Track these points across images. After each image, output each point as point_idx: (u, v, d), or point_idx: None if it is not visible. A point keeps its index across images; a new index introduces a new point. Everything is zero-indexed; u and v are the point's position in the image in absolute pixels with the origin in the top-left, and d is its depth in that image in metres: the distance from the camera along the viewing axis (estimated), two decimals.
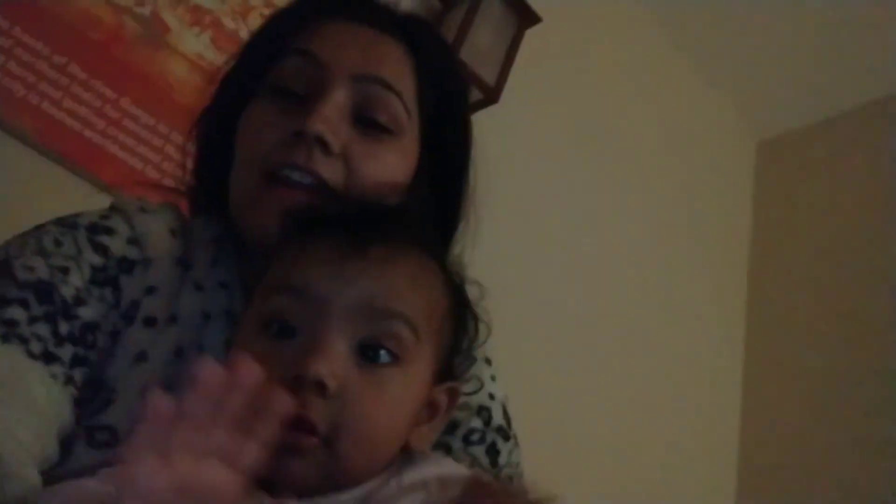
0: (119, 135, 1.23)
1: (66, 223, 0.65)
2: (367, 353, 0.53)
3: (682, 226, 2.07)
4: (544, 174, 1.77)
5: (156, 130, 1.26)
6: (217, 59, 1.34)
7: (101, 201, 1.14)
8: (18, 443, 0.51)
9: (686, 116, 2.18)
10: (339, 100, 0.65)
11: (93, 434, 0.57)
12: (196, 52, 1.33)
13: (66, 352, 0.57)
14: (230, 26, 1.38)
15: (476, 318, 0.63)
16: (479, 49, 1.58)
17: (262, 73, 0.69)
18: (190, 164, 0.77)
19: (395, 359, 0.53)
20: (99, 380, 0.60)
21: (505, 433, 0.72)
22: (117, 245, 0.64)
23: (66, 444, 0.56)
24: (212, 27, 1.36)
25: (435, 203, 0.73)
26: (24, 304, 0.57)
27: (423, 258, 0.58)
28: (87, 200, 1.15)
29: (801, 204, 2.20)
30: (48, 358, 0.56)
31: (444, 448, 0.68)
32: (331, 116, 0.64)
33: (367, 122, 0.67)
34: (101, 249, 0.63)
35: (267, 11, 1.40)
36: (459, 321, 0.61)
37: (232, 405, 0.42)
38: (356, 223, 0.57)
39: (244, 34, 1.38)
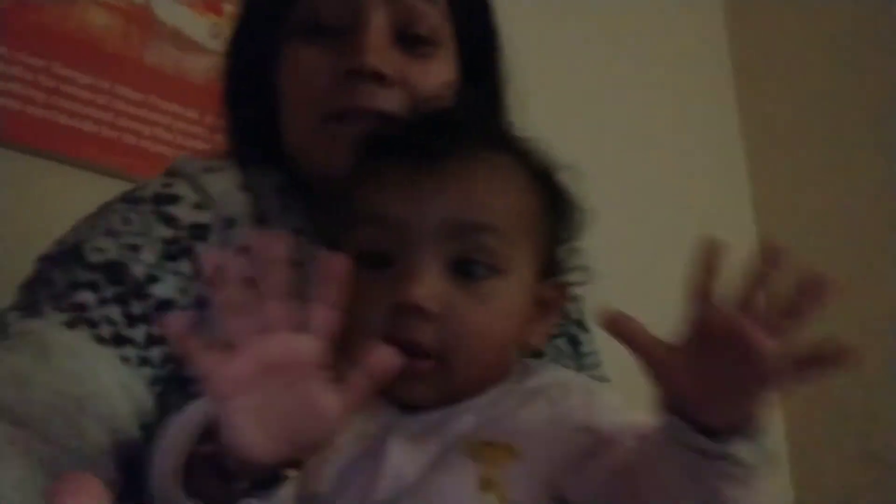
0: (61, 102, 1.16)
1: (131, 198, 0.64)
2: (462, 269, 0.53)
3: (664, 85, 2.01)
4: (531, 54, 1.71)
5: (97, 88, 1.20)
6: None
7: (70, 175, 1.13)
8: None
9: None
10: (381, 25, 0.64)
11: None
12: None
13: (139, 332, 0.57)
14: None
15: (572, 204, 0.61)
16: None
17: (283, 12, 0.67)
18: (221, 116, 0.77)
19: (492, 269, 0.53)
20: None
21: (583, 325, 0.75)
22: (185, 212, 0.63)
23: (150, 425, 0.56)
24: None
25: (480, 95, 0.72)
26: (93, 286, 0.56)
27: (501, 158, 0.57)
28: (54, 178, 1.13)
29: (778, 37, 2.13)
30: (119, 340, 0.55)
31: None
32: (379, 46, 0.64)
33: (411, 39, 0.66)
34: (170, 220, 0.62)
35: None
36: (555, 211, 0.59)
37: (280, 274, 0.42)
38: (425, 138, 0.56)
39: None
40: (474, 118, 0.60)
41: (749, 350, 0.39)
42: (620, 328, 0.42)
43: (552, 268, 0.60)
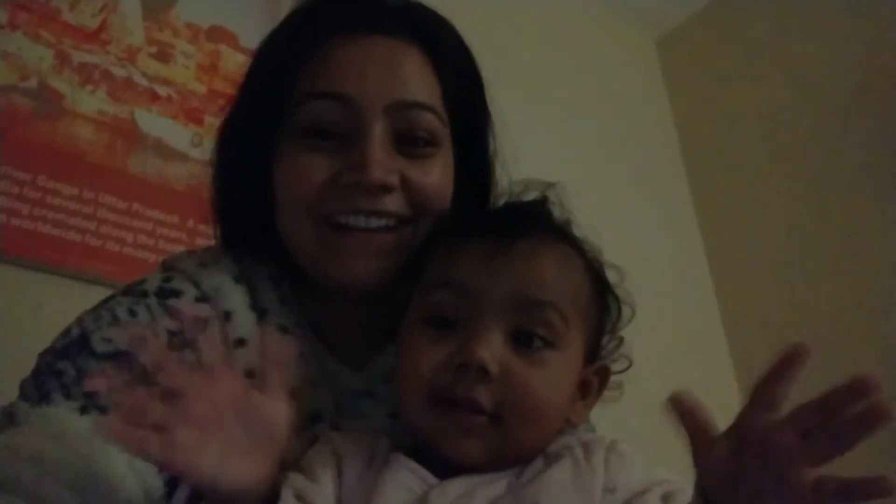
0: (47, 213, 1.19)
1: (135, 292, 0.66)
2: (522, 339, 0.58)
3: (611, 144, 2.10)
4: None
5: (81, 199, 1.23)
6: (118, 110, 1.31)
7: (55, 285, 1.15)
8: None
9: (585, 35, 2.21)
10: (381, 134, 0.65)
11: None
12: (96, 110, 1.29)
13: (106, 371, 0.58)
14: (121, 74, 1.34)
15: (618, 300, 0.67)
16: None
17: (280, 110, 0.68)
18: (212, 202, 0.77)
19: (548, 344, 0.58)
20: None
21: None
22: (187, 306, 0.65)
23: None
24: (103, 80, 1.32)
25: (469, 177, 0.74)
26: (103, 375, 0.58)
27: (564, 248, 0.63)
28: (41, 290, 1.14)
29: (714, 85, 2.26)
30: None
31: None
32: (382, 158, 0.64)
33: (409, 142, 0.67)
34: (175, 313, 0.64)
35: (152, 49, 1.37)
36: (603, 303, 0.65)
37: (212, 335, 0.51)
38: (501, 221, 0.63)
39: (138, 78, 1.35)
40: (542, 210, 0.67)
41: (786, 470, 0.40)
42: (683, 407, 0.45)
43: (596, 353, 0.65)
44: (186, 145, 1.36)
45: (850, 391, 0.39)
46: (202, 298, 0.66)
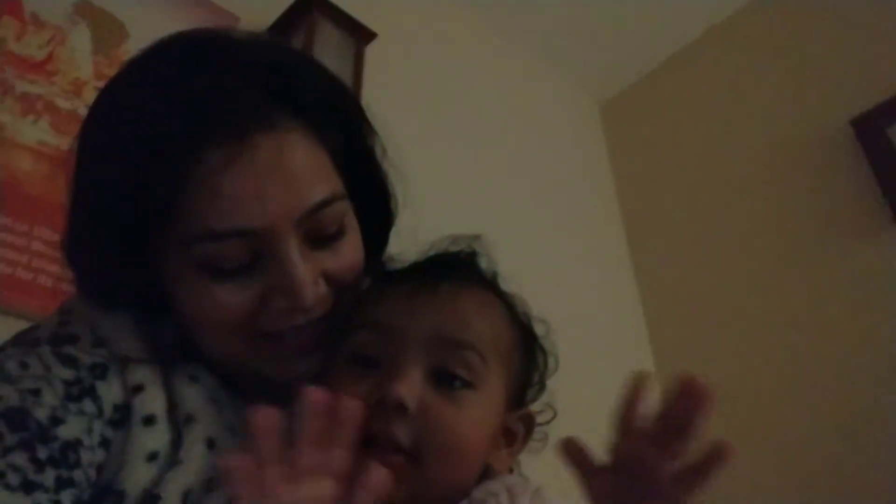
0: None
1: (26, 341, 0.61)
2: (442, 379, 0.58)
3: (552, 205, 2.16)
4: (411, 176, 1.80)
5: (14, 230, 1.19)
6: (61, 142, 1.28)
7: None
8: None
9: (530, 96, 2.28)
10: (299, 255, 0.60)
11: None
12: (38, 140, 1.26)
13: (49, 477, 0.54)
14: (66, 106, 1.32)
15: (544, 351, 0.68)
16: None
17: (152, 224, 0.59)
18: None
19: (468, 384, 0.58)
20: (110, 490, 0.57)
21: None
22: (84, 352, 0.61)
23: None
24: (46, 112, 1.29)
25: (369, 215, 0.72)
26: None
27: (488, 294, 0.65)
28: None
29: (655, 148, 2.35)
30: (28, 487, 0.53)
31: None
32: (307, 277, 0.60)
33: (321, 238, 0.63)
34: (70, 361, 0.60)
35: (100, 84, 1.35)
36: (528, 353, 0.66)
37: (318, 426, 0.49)
38: (425, 266, 0.65)
39: (83, 111, 1.32)
40: (468, 259, 0.69)
41: (652, 475, 0.46)
42: (573, 448, 0.49)
43: (521, 401, 0.65)
44: None
45: (679, 392, 0.46)
46: (98, 342, 0.62)
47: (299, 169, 0.60)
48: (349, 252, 0.65)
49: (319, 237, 0.63)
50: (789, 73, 2.06)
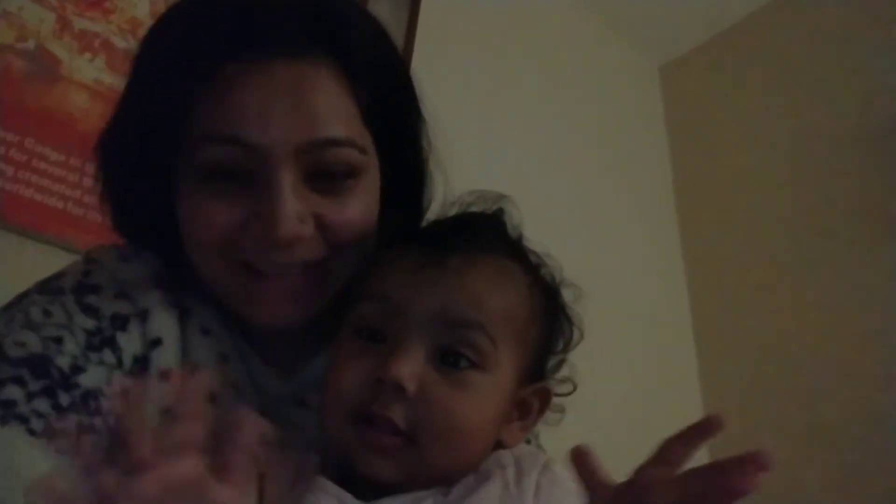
0: (31, 177, 1.18)
1: (51, 289, 0.62)
2: (447, 359, 0.55)
3: (606, 165, 2.12)
4: (466, 136, 1.78)
5: (68, 165, 1.21)
6: (115, 81, 1.29)
7: (33, 250, 1.13)
8: None
9: (590, 58, 2.22)
10: (291, 185, 0.58)
11: None
12: (93, 79, 1.28)
13: (71, 422, 0.56)
14: (122, 45, 1.33)
15: (570, 321, 0.64)
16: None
17: (173, 138, 0.60)
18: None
19: (475, 365, 0.56)
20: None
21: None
22: (106, 302, 0.62)
23: None
24: (103, 50, 1.31)
25: (399, 178, 0.69)
26: (19, 381, 0.56)
27: (504, 263, 0.60)
28: (17, 252, 1.12)
29: (711, 119, 2.28)
30: (51, 433, 0.54)
31: None
32: (293, 210, 0.58)
33: (325, 178, 0.60)
34: (92, 311, 0.61)
35: None
36: (550, 323, 0.62)
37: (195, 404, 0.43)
38: (439, 234, 0.60)
39: None
40: (490, 223, 0.63)
41: None
42: (581, 460, 0.45)
43: (538, 373, 0.62)
44: None
45: (741, 464, 0.40)
46: (120, 294, 0.63)
47: (315, 101, 0.59)
48: (354, 207, 0.62)
49: (324, 181, 0.60)
50: (858, 52, 1.96)
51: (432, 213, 0.70)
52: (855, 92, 1.94)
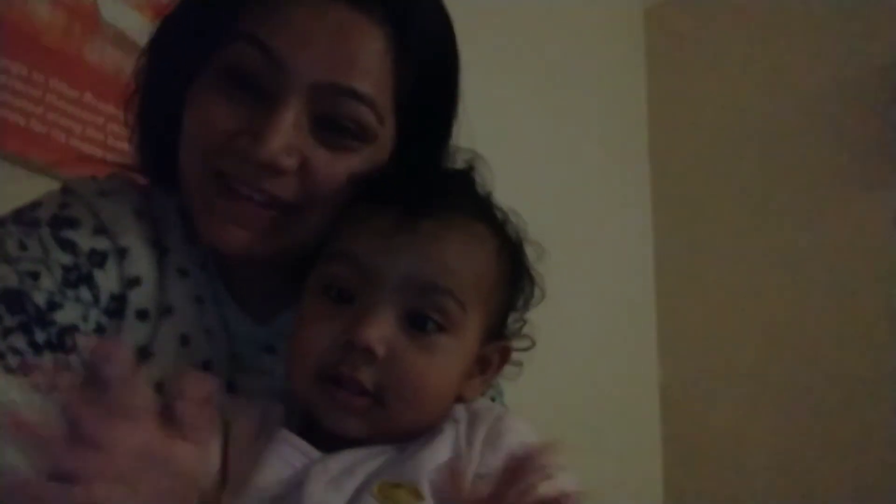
0: None
1: (27, 220, 0.61)
2: (415, 322, 0.57)
3: (580, 105, 2.09)
4: None
5: (31, 80, 1.16)
6: None
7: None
8: None
9: None
10: (294, 114, 0.58)
11: None
12: None
13: (47, 360, 0.56)
14: None
15: (532, 281, 0.66)
16: None
17: (209, 43, 0.62)
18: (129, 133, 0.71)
19: (442, 329, 0.57)
20: None
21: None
22: (84, 238, 0.61)
23: None
24: None
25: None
26: None
27: (476, 227, 0.61)
28: None
29: (693, 64, 2.26)
30: (27, 369, 0.54)
31: None
32: (284, 138, 0.58)
33: (332, 128, 0.60)
34: (69, 246, 0.60)
35: None
36: (514, 284, 0.64)
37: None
38: (412, 194, 0.59)
39: None
40: (459, 185, 0.64)
41: None
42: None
43: (499, 331, 0.64)
44: None
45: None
46: (99, 230, 0.62)
47: (357, 51, 0.60)
48: (346, 167, 0.61)
49: (329, 131, 0.60)
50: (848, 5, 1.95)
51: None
52: (838, 38, 1.93)
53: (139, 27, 1.28)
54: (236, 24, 0.60)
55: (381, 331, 0.55)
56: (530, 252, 0.66)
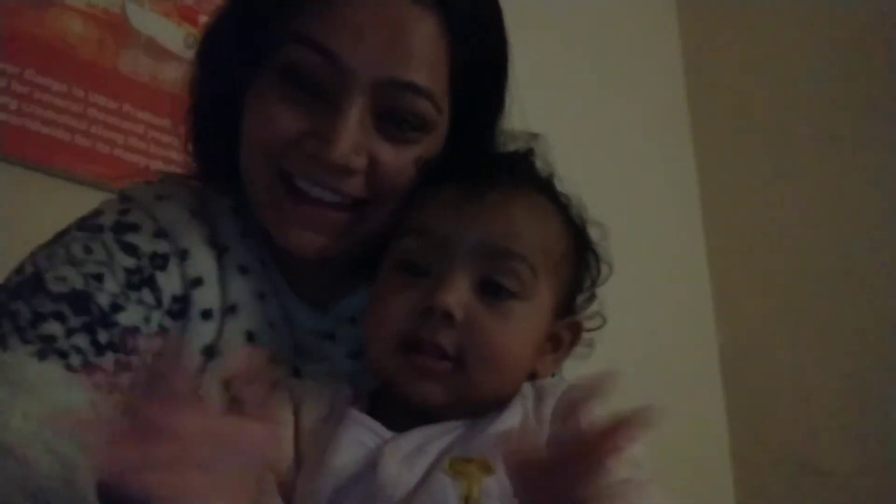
0: (34, 109, 1.15)
1: (91, 226, 0.63)
2: (488, 288, 0.58)
3: (619, 88, 2.04)
4: None
5: (71, 96, 1.19)
6: (110, 3, 1.25)
7: (41, 184, 1.12)
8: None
9: None
10: (359, 114, 0.59)
11: None
12: (85, 2, 1.23)
13: (108, 360, 0.57)
14: None
15: (597, 257, 0.67)
16: None
17: (269, 34, 0.62)
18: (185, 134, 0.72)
19: (515, 294, 0.58)
20: None
21: None
22: (145, 241, 0.63)
23: None
24: None
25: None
26: (60, 317, 0.56)
27: (541, 199, 0.63)
28: (25, 186, 1.11)
29: (731, 41, 2.18)
30: (89, 368, 0.56)
31: None
32: (352, 139, 0.59)
33: (394, 123, 0.61)
34: (131, 249, 0.62)
35: None
36: (580, 260, 0.65)
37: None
38: (477, 170, 0.62)
39: None
40: (523, 161, 0.66)
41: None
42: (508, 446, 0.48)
43: (569, 309, 0.65)
44: (180, 46, 1.31)
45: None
46: (159, 233, 0.64)
47: (412, 43, 0.60)
48: (410, 159, 0.62)
49: (391, 124, 0.61)
50: None
51: None
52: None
53: (168, 33, 1.31)
54: (288, 25, 0.60)
55: (457, 296, 0.56)
56: (593, 232, 0.67)
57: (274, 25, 0.61)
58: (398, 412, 0.58)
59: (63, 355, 0.55)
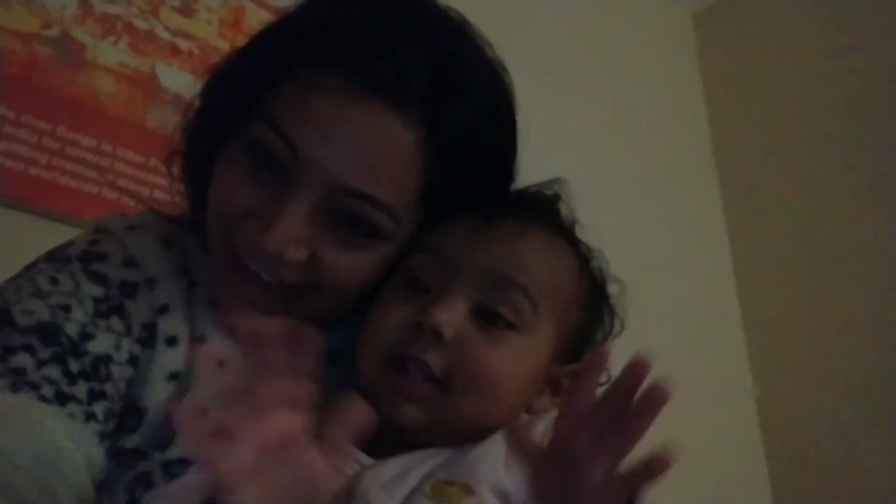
0: (65, 164, 1.19)
1: (58, 258, 0.63)
2: (485, 315, 0.57)
3: (638, 115, 2.05)
4: None
5: (100, 151, 1.23)
6: (140, 63, 1.30)
7: (68, 235, 1.14)
8: None
9: (622, 7, 2.15)
10: (307, 210, 0.57)
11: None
12: (118, 62, 1.29)
13: (81, 389, 0.56)
14: (143, 27, 1.33)
15: (612, 312, 0.66)
16: None
17: (239, 114, 0.61)
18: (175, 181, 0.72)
19: (512, 325, 0.57)
20: (134, 406, 0.59)
21: None
22: (114, 270, 0.63)
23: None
24: (126, 32, 1.31)
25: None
26: (29, 349, 0.56)
27: (555, 240, 0.62)
28: (52, 239, 1.14)
29: (749, 66, 2.19)
30: (62, 399, 0.55)
31: None
32: (288, 229, 0.57)
33: (345, 225, 0.58)
34: (100, 278, 0.62)
35: (175, 3, 1.35)
36: (592, 310, 0.64)
37: (268, 354, 0.43)
38: (500, 205, 0.62)
39: (160, 31, 1.34)
40: (548, 203, 0.66)
41: (583, 472, 0.44)
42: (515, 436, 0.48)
43: (575, 357, 0.63)
44: None
45: (628, 377, 0.43)
46: (129, 262, 0.63)
47: (380, 156, 0.57)
48: (357, 265, 0.60)
49: (344, 225, 0.58)
50: None
51: None
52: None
53: (195, 90, 1.34)
54: (264, 106, 0.59)
55: (450, 315, 0.56)
56: (612, 287, 0.66)
57: (252, 99, 0.60)
58: (382, 440, 0.55)
59: (35, 387, 0.54)
